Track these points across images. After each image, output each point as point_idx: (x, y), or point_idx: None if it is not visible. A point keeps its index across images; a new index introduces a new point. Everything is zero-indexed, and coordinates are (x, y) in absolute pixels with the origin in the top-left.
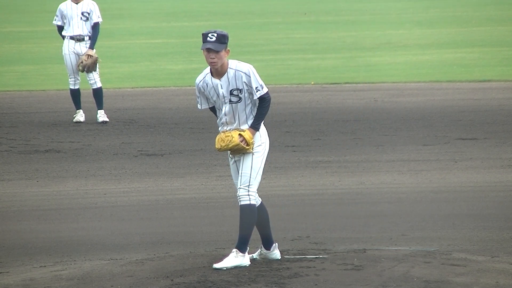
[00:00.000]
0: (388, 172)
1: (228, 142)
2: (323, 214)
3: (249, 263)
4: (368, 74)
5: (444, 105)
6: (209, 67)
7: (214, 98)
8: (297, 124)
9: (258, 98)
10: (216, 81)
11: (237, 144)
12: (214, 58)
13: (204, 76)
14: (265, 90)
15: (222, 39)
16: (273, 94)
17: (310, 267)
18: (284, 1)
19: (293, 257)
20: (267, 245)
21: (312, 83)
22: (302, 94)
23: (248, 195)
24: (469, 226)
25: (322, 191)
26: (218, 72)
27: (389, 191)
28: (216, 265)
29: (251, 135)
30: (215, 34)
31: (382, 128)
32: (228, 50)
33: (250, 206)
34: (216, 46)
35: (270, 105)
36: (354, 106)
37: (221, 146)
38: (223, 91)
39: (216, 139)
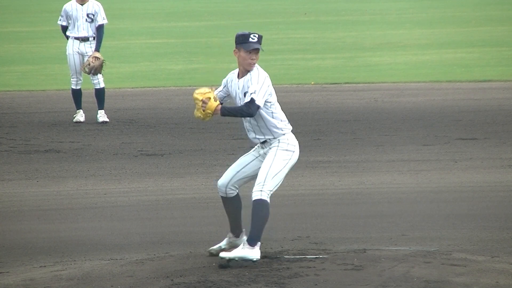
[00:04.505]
0: (388, 172)
1: (204, 97)
2: (323, 214)
3: (258, 257)
4: (368, 74)
5: (444, 105)
6: (237, 69)
7: (235, 99)
8: (297, 124)
9: (249, 99)
10: (236, 81)
11: (209, 107)
12: (254, 59)
13: (233, 73)
14: (257, 98)
15: (261, 40)
16: None
17: (310, 267)
18: (284, 1)
19: (293, 257)
20: (236, 231)
21: (312, 83)
22: (302, 94)
23: (261, 191)
24: (469, 226)
25: (322, 191)
26: (243, 73)
27: (389, 191)
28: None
29: (213, 107)
30: (257, 35)
31: (382, 128)
32: None
33: (261, 201)
34: (259, 46)
35: (248, 114)
36: (354, 106)
37: (197, 96)
38: (239, 92)
39: (204, 93)
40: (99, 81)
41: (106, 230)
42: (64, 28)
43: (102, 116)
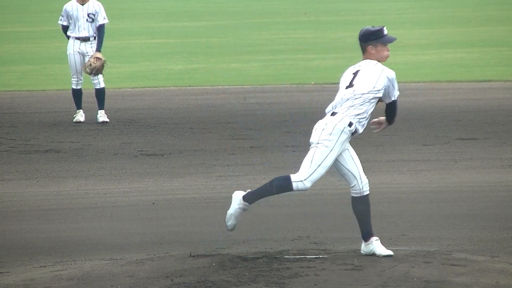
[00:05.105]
0: (388, 172)
1: None
2: (323, 214)
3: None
4: None
5: (444, 105)
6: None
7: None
8: (297, 124)
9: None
10: None
11: None
12: (389, 50)
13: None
14: None
15: None
16: (273, 94)
17: (310, 267)
18: (284, 1)
19: (293, 257)
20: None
21: (312, 83)
22: (302, 94)
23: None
24: (469, 226)
25: (322, 191)
26: None
27: (389, 191)
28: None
29: None
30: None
31: None
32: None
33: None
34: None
35: None
36: None
37: None
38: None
39: None
40: (99, 81)
41: (106, 230)
42: (65, 28)
43: (102, 116)
